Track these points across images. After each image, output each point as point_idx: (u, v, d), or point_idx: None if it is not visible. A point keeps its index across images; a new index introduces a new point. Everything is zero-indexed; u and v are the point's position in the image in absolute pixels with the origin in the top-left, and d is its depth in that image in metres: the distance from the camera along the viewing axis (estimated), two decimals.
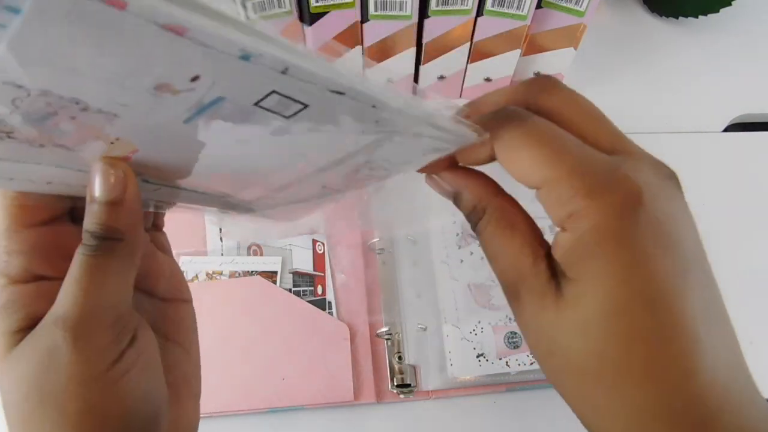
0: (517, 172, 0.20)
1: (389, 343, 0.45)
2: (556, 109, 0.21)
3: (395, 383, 0.43)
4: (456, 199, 0.23)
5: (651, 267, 0.18)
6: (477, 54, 0.51)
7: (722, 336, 0.19)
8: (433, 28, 0.48)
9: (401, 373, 0.44)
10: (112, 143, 0.20)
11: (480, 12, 0.47)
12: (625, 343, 0.18)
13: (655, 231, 0.18)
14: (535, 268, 0.20)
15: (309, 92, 0.19)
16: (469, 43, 0.50)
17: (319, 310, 0.46)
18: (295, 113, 0.20)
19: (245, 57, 0.17)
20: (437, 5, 0.46)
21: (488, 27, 0.48)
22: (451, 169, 0.23)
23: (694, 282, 0.19)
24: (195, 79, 0.17)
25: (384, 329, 0.45)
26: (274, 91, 0.19)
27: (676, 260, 0.19)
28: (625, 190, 0.18)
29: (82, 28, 0.15)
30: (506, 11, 0.46)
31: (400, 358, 0.44)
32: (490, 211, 0.22)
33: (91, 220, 0.21)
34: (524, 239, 0.21)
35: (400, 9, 0.46)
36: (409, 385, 0.43)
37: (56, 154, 0.20)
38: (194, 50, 0.16)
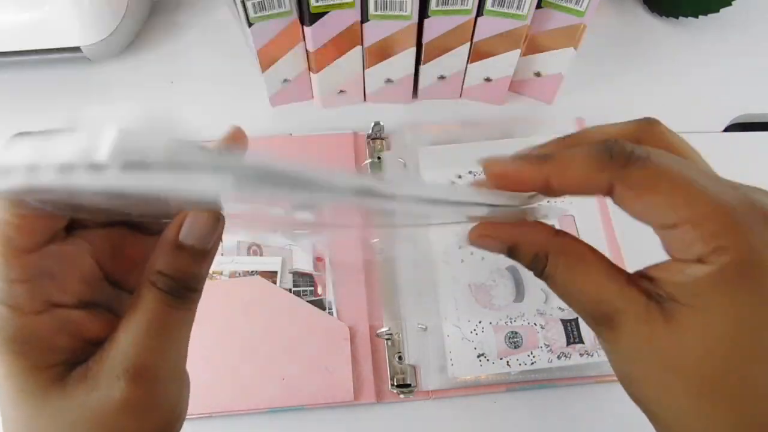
0: (645, 213, 0.19)
1: (389, 343, 0.45)
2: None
3: (395, 383, 0.43)
4: (512, 252, 0.22)
5: None
6: (477, 54, 0.51)
7: None
8: (433, 28, 0.48)
9: (401, 373, 0.44)
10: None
11: (480, 12, 0.47)
12: (754, 363, 0.18)
13: None
14: (627, 294, 0.19)
15: None
16: (469, 43, 0.50)
17: (319, 310, 0.46)
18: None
19: None
20: (437, 5, 0.46)
21: (488, 27, 0.48)
22: (500, 223, 0.22)
23: None
24: None
25: (384, 329, 0.45)
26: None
27: None
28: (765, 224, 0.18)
29: None
30: (506, 11, 0.46)
31: (400, 358, 0.44)
32: (554, 253, 0.21)
33: (175, 265, 0.20)
34: (601, 269, 0.20)
35: (400, 9, 0.46)
36: (409, 385, 0.43)
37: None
38: None
